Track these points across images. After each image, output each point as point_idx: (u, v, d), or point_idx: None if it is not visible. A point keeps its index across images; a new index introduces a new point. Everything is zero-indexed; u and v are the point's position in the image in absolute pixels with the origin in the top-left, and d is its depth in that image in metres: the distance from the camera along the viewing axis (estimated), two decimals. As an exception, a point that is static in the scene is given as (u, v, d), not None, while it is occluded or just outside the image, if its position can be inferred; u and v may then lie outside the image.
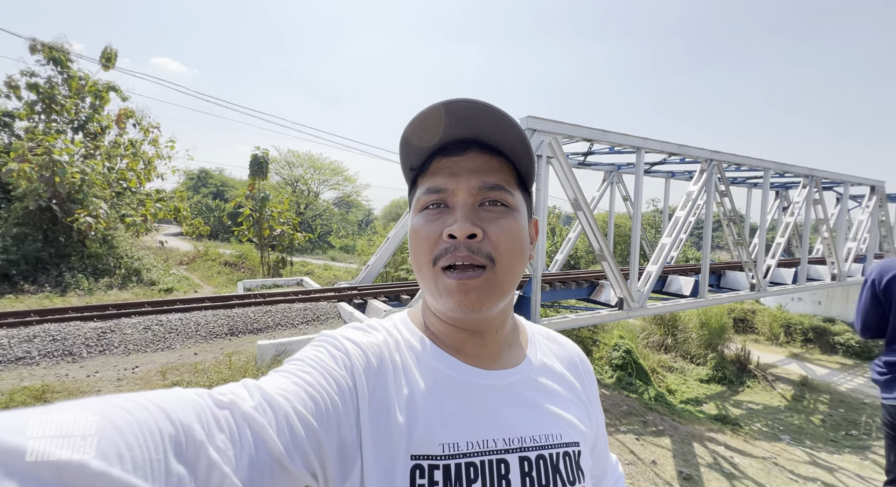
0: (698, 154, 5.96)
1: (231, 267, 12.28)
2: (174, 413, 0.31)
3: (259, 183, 11.85)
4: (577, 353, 0.63)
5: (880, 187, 9.09)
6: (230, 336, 4.15)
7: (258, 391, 0.39)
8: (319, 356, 0.46)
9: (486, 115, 0.48)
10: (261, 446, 0.35)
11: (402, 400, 0.47)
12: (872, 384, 8.25)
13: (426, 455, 0.44)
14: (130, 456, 0.27)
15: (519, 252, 0.50)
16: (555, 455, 0.49)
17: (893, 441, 1.77)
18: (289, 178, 26.18)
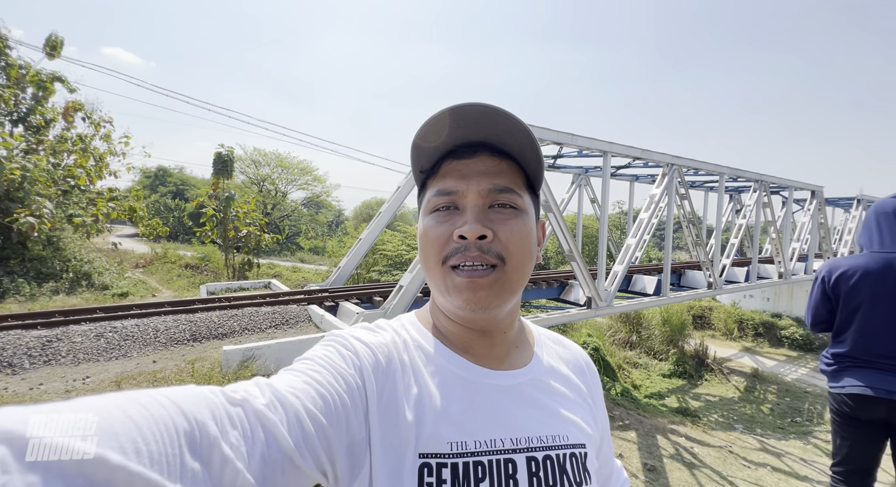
0: (660, 158, 6.26)
1: (193, 270, 11.70)
2: (189, 409, 0.32)
3: (223, 182, 11.37)
4: (583, 357, 0.64)
5: (819, 192, 9.88)
6: (193, 342, 3.95)
7: (269, 389, 0.40)
8: (329, 355, 0.47)
9: (496, 119, 0.48)
10: (272, 443, 0.36)
11: (411, 398, 0.47)
12: (814, 374, 8.90)
13: (434, 453, 0.45)
14: (147, 451, 0.27)
15: (528, 253, 0.50)
16: (562, 455, 0.50)
17: (839, 427, 1.92)
18: (255, 178, 25.28)
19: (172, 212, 24.99)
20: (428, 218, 0.52)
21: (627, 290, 7.46)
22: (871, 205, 1.98)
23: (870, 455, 1.84)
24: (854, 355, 1.83)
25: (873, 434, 1.82)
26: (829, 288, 1.91)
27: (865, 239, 1.89)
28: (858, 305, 1.81)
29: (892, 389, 1.70)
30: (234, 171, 11.92)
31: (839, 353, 1.88)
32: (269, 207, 24.87)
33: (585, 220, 17.65)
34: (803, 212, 10.15)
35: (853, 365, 1.83)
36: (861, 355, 1.81)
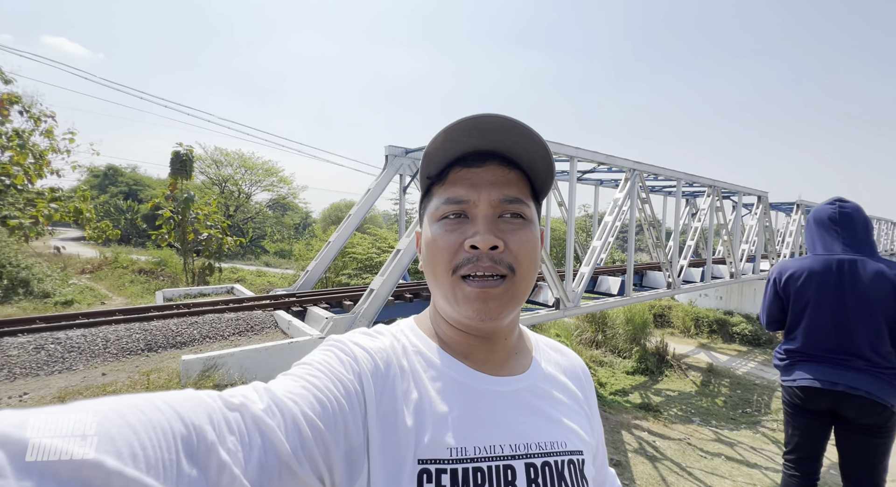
0: (623, 164, 6.53)
1: (147, 276, 11.03)
2: (186, 414, 0.32)
3: (182, 182, 10.80)
4: (580, 364, 0.64)
5: (765, 197, 10.65)
6: (148, 352, 3.71)
7: (267, 394, 0.39)
8: (327, 360, 0.47)
9: (511, 130, 0.49)
10: (270, 448, 0.36)
11: (411, 404, 0.47)
12: (762, 367, 9.52)
13: (434, 459, 0.44)
14: (144, 456, 0.27)
15: (535, 262, 0.52)
16: (560, 462, 0.50)
17: (791, 418, 2.06)
18: (216, 178, 24.19)
19: (124, 214, 23.42)
20: (436, 225, 0.52)
21: (593, 291, 7.72)
22: (809, 211, 2.16)
23: (817, 442, 1.99)
24: (803, 350, 1.97)
25: (820, 424, 1.96)
26: (780, 289, 2.05)
27: (809, 243, 2.06)
28: (806, 304, 1.95)
29: (835, 381, 1.85)
30: (193, 171, 11.35)
31: (790, 349, 2.02)
32: (232, 209, 23.85)
33: (553, 223, 18.13)
34: (751, 216, 10.90)
35: (802, 359, 1.98)
36: (809, 350, 1.95)
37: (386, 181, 7.00)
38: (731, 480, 4.35)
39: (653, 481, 4.22)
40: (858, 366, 1.81)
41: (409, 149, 7.06)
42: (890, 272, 1.79)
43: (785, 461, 2.08)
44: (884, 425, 1.78)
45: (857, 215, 1.92)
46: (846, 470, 1.89)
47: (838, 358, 1.87)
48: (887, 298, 1.77)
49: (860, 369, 1.81)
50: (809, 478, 2.00)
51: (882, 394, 1.76)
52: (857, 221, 1.91)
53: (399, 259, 4.52)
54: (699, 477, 4.37)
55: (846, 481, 1.89)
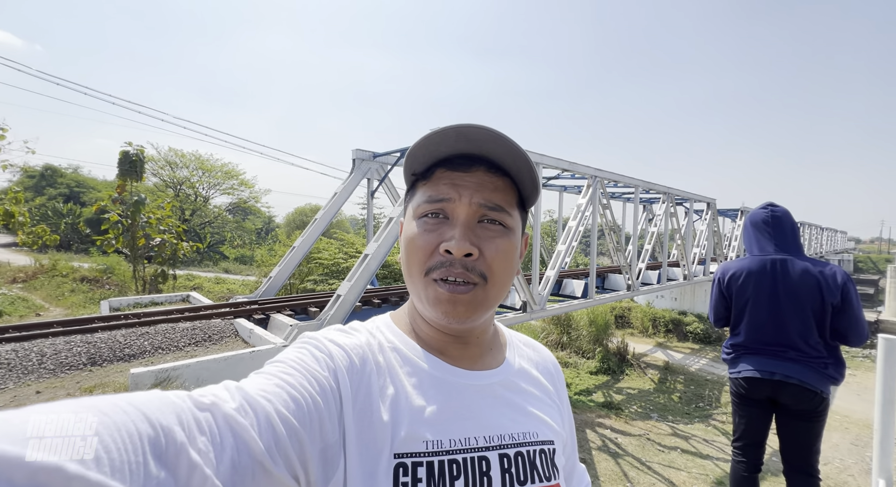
0: (585, 171, 6.79)
1: (91, 284, 10.23)
2: (154, 415, 0.31)
3: (132, 184, 10.13)
4: (551, 359, 0.66)
5: (713, 203, 11.41)
6: (91, 366, 3.43)
7: (239, 392, 0.39)
8: (301, 357, 0.46)
9: (497, 141, 0.49)
10: (242, 448, 0.35)
11: (387, 399, 0.47)
12: (712, 363, 10.14)
13: (410, 453, 0.45)
14: (108, 459, 0.26)
15: (510, 271, 0.52)
16: (532, 452, 0.52)
17: (737, 407, 2.22)
18: (170, 181, 22.88)
19: (64, 218, 21.59)
20: (415, 223, 0.52)
21: (558, 294, 7.94)
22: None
23: (761, 429, 2.15)
24: (746, 344, 2.13)
25: (763, 412, 2.13)
26: (724, 289, 2.21)
27: (746, 244, 2.23)
28: (746, 301, 2.12)
29: (773, 371, 2.01)
30: (144, 173, 10.67)
31: (735, 343, 2.18)
32: (188, 213, 22.61)
33: (520, 228, 18.48)
34: (701, 222, 11.64)
35: (746, 352, 2.14)
36: (751, 344, 2.12)
37: (353, 185, 6.90)
38: (687, 472, 4.59)
39: (615, 477, 4.37)
40: (792, 357, 1.98)
41: (377, 153, 7.00)
42: (814, 269, 1.98)
43: (733, 448, 2.23)
44: (815, 410, 1.95)
45: (785, 218, 2.11)
46: (785, 453, 2.06)
47: (775, 350, 2.04)
48: (813, 293, 1.95)
49: (794, 359, 1.98)
50: (754, 463, 2.16)
51: (812, 382, 1.93)
52: (786, 224, 2.10)
53: (367, 264, 4.45)
54: (657, 471, 4.58)
55: (785, 463, 2.06)
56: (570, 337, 9.63)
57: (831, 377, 1.95)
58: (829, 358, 1.96)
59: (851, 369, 8.89)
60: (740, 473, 2.17)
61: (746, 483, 2.15)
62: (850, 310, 1.91)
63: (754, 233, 2.17)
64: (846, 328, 1.93)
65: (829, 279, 1.93)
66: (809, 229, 20.48)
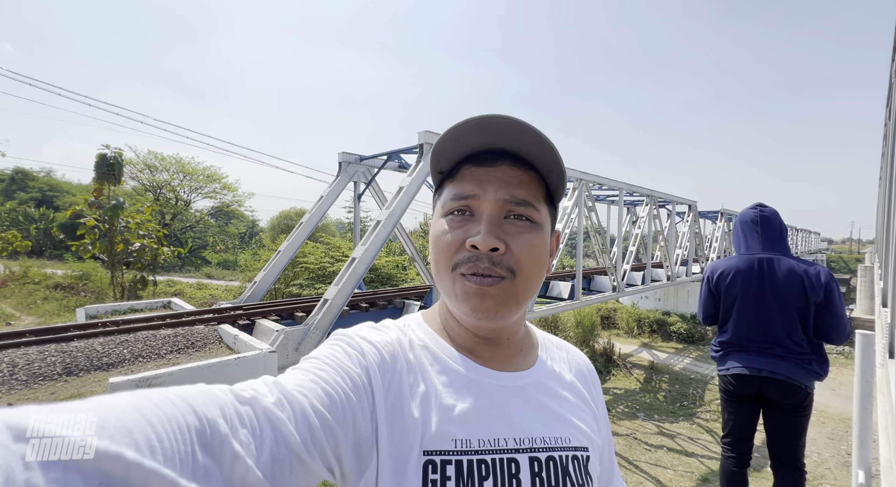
0: (570, 174, 6.89)
1: (65, 292, 9.88)
2: (199, 407, 0.33)
3: (109, 188, 9.83)
4: (586, 363, 0.64)
5: (694, 206, 11.71)
6: (66, 376, 3.30)
7: (277, 387, 0.40)
8: (335, 354, 0.47)
9: (522, 131, 0.49)
10: (281, 440, 0.37)
11: (417, 396, 0.48)
12: (696, 363, 10.33)
13: (439, 450, 0.45)
14: (161, 448, 0.28)
15: (539, 266, 0.51)
16: (564, 457, 0.50)
17: (726, 404, 2.26)
18: (150, 184, 22.31)
19: (36, 223, 20.80)
20: (442, 220, 0.52)
21: (546, 296, 8.01)
22: (735, 216, 2.42)
23: (749, 425, 2.20)
24: (734, 341, 2.18)
25: (750, 407, 2.17)
26: (712, 287, 2.26)
27: (735, 243, 2.29)
28: (734, 299, 2.17)
29: (760, 368, 2.06)
30: (122, 176, 10.37)
31: (723, 341, 2.23)
32: (169, 217, 22.06)
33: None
34: (683, 223, 11.92)
35: (734, 349, 2.18)
36: (738, 341, 2.16)
37: (339, 188, 6.84)
38: (673, 470, 4.66)
39: (604, 476, 4.41)
40: (778, 354, 2.03)
41: (363, 157, 6.96)
42: (799, 268, 2.03)
43: (723, 444, 2.27)
44: (800, 404, 2.00)
45: (773, 218, 2.17)
46: (772, 448, 2.11)
47: (762, 347, 2.09)
48: (797, 292, 2.01)
49: (780, 356, 2.03)
50: (743, 458, 2.20)
51: (797, 377, 1.98)
52: (774, 224, 2.16)
53: (354, 267, 4.41)
54: (645, 470, 4.64)
55: (773, 457, 2.10)
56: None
57: (815, 372, 2.00)
58: (813, 355, 2.01)
59: (827, 365, 9.22)
60: (730, 468, 2.20)
61: (736, 478, 2.19)
62: (832, 309, 1.96)
63: (743, 232, 2.22)
64: (829, 326, 1.98)
65: (814, 278, 1.99)
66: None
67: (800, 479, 2.03)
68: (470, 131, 0.49)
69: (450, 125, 0.50)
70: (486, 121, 0.48)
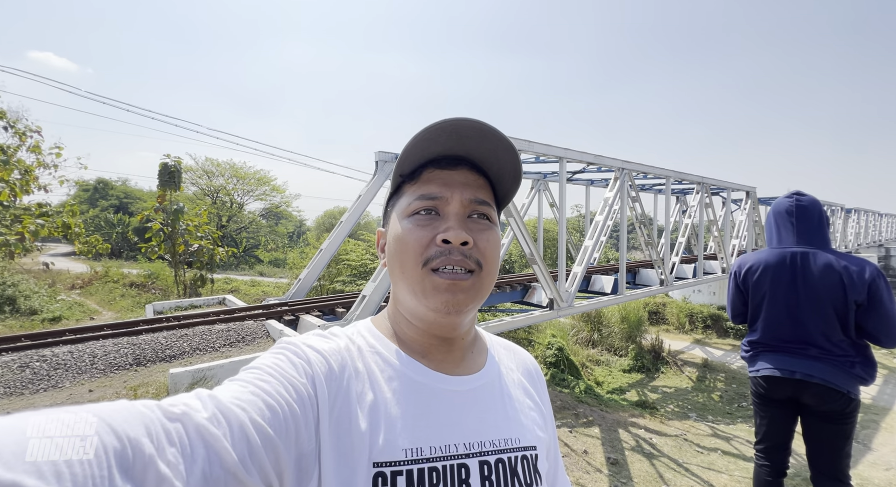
0: (612, 163, 6.58)
1: (138, 289, 10.93)
2: (120, 426, 0.30)
3: (171, 194, 10.73)
4: (532, 362, 0.66)
5: (753, 192, 10.77)
6: (136, 366, 3.66)
7: (212, 401, 0.38)
8: (278, 363, 0.45)
9: (486, 136, 0.51)
10: (214, 459, 0.34)
11: (366, 406, 0.47)
12: (757, 360, 9.59)
13: (389, 462, 0.44)
14: (70, 473, 0.26)
15: (498, 262, 0.55)
16: (513, 458, 0.51)
17: (758, 408, 2.09)
18: (207, 189, 24.04)
19: (115, 228, 23.18)
20: (406, 221, 0.53)
21: (587, 290, 7.74)
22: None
23: (783, 431, 2.02)
24: (764, 341, 2.00)
25: (785, 413, 1.99)
26: (740, 283, 2.08)
27: (767, 235, 2.09)
28: (763, 296, 1.98)
29: (794, 369, 1.88)
30: (182, 183, 11.28)
31: (753, 341, 2.05)
32: (225, 219, 23.70)
33: (546, 224, 18.19)
34: (740, 211, 11.02)
35: (764, 350, 2.01)
36: (769, 341, 1.98)
37: (377, 187, 6.99)
38: (728, 474, 4.36)
39: (650, 478, 4.21)
40: (814, 355, 1.85)
41: (398, 155, 7.06)
42: (838, 264, 1.82)
43: (756, 451, 2.11)
44: (842, 411, 1.81)
45: (812, 208, 1.94)
46: (812, 457, 1.92)
47: (795, 348, 1.90)
48: (835, 289, 1.80)
49: (815, 357, 1.84)
50: (778, 467, 2.02)
51: (837, 381, 1.79)
52: (812, 214, 1.94)
53: (390, 264, 4.51)
54: (696, 473, 4.37)
55: (812, 468, 1.92)
56: (601, 334, 9.38)
57: (859, 376, 1.79)
58: (857, 357, 1.81)
59: (916, 366, 8.19)
60: (763, 477, 2.04)
61: None
62: (879, 309, 1.74)
63: (776, 223, 2.02)
64: (876, 328, 1.76)
65: (855, 275, 1.77)
66: (866, 216, 18.92)
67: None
68: (441, 132, 0.51)
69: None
70: (457, 124, 0.51)
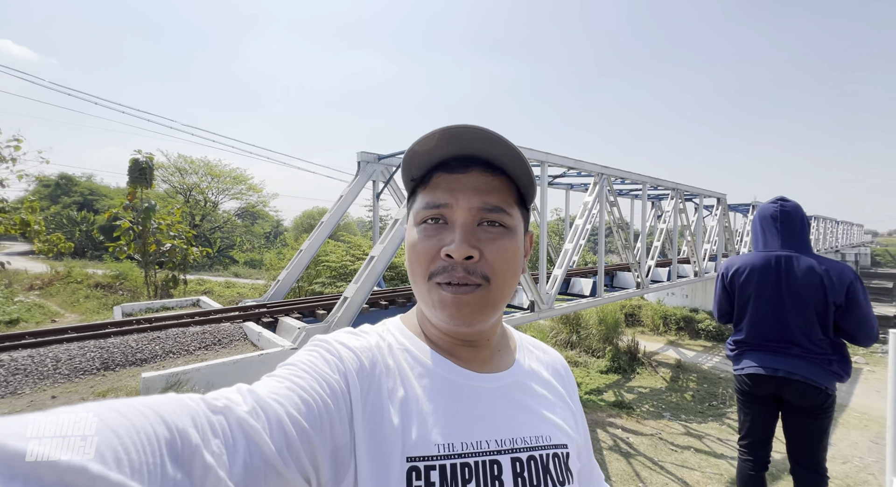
0: (591, 168, 6.74)
1: (105, 290, 10.43)
2: (170, 417, 0.32)
3: (142, 191, 10.30)
4: (561, 361, 0.66)
5: (723, 199, 11.24)
6: (104, 371, 3.49)
7: (251, 395, 0.39)
8: (313, 360, 0.47)
9: (491, 141, 0.49)
10: (255, 450, 0.36)
11: (397, 402, 0.48)
12: (726, 361, 10.01)
13: (422, 456, 0.45)
14: (128, 460, 0.27)
15: (513, 270, 0.52)
16: (545, 456, 0.51)
17: (742, 405, 2.18)
18: (180, 187, 23.22)
19: (79, 226, 22.03)
20: (416, 230, 0.52)
21: (567, 293, 7.88)
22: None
23: (766, 427, 2.12)
24: (749, 340, 2.11)
25: (767, 409, 2.09)
26: (727, 284, 2.19)
27: (753, 239, 2.21)
28: (749, 297, 2.09)
29: (777, 367, 1.98)
30: (154, 180, 10.85)
31: (738, 340, 2.16)
32: (198, 219, 22.93)
33: (527, 227, 18.38)
34: (711, 217, 11.47)
35: (749, 348, 2.11)
36: (753, 340, 2.09)
37: (359, 187, 6.93)
38: (700, 471, 4.51)
39: (627, 477, 4.31)
40: (795, 353, 1.96)
41: (381, 155, 7.02)
42: (819, 267, 1.94)
43: (739, 446, 2.20)
44: (821, 406, 1.92)
45: (795, 213, 2.07)
46: (792, 451, 2.03)
47: (778, 347, 2.01)
48: (816, 291, 1.92)
49: (797, 355, 1.95)
50: (760, 462, 2.12)
51: (816, 378, 1.90)
52: (795, 219, 2.06)
53: (373, 266, 4.46)
54: (670, 471, 4.51)
55: (792, 461, 2.03)
56: (579, 335, 9.55)
57: (836, 373, 1.92)
58: (834, 355, 1.93)
59: (871, 365, 8.69)
60: (747, 471, 2.13)
61: (753, 482, 2.12)
62: (856, 310, 1.87)
63: (762, 227, 2.14)
64: (854, 328, 1.89)
65: (835, 277, 1.89)
66: (824, 223, 20.04)
67: (821, 484, 1.95)
68: (438, 142, 0.49)
69: (429, 131, 0.50)
70: (457, 131, 0.48)
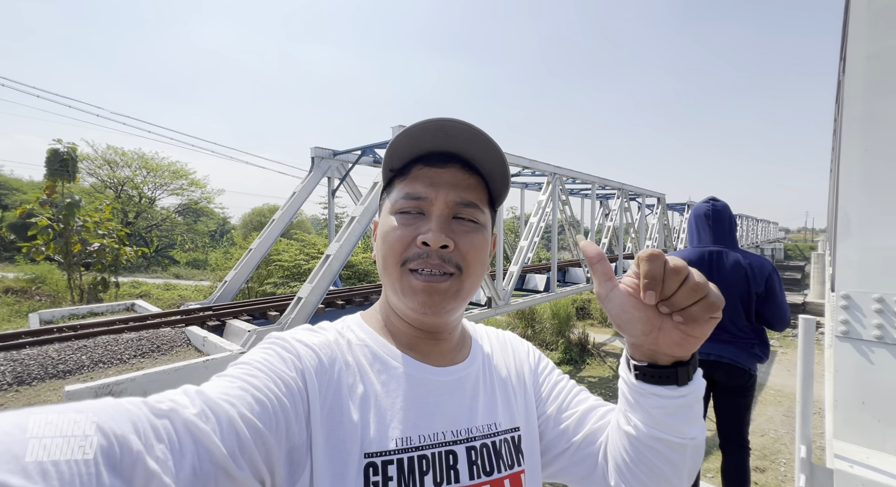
0: (545, 168, 6.98)
1: (17, 296, 9.30)
2: (106, 423, 0.30)
3: (63, 185, 9.26)
4: (512, 340, 0.68)
5: (663, 198, 12.12)
6: (17, 386, 3.10)
7: (200, 397, 0.38)
8: (268, 358, 0.46)
9: (475, 138, 0.51)
10: (203, 454, 0.34)
11: (357, 398, 0.48)
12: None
13: (380, 452, 0.46)
14: (56, 471, 0.25)
15: (482, 264, 0.54)
16: (498, 442, 0.53)
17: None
18: (110, 181, 21.16)
19: (-17, 223, 19.36)
20: (392, 218, 0.53)
21: (522, 288, 8.13)
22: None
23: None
24: None
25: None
26: None
27: (689, 235, 2.41)
28: None
29: (709, 352, 2.21)
30: (78, 173, 9.78)
31: None
32: (132, 216, 21.01)
33: (484, 225, 18.69)
34: (653, 215, 12.32)
35: None
36: None
37: (313, 184, 6.69)
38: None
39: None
40: (724, 338, 2.18)
41: (337, 151, 6.82)
42: (744, 261, 2.18)
43: None
44: (745, 385, 2.17)
45: (724, 212, 2.30)
46: (720, 427, 2.27)
47: (711, 333, 2.22)
48: (741, 283, 2.16)
49: (725, 341, 2.18)
50: None
51: (741, 360, 2.14)
52: (724, 217, 2.29)
53: (329, 264, 4.33)
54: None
55: (721, 437, 2.27)
56: (534, 330, 9.90)
57: (757, 355, 2.17)
58: (756, 339, 2.18)
59: (783, 347, 9.76)
60: None
61: None
62: (773, 299, 2.12)
63: (696, 225, 2.34)
64: (770, 314, 2.14)
65: (756, 270, 2.14)
66: (746, 221, 22.23)
67: (745, 455, 2.21)
68: (426, 131, 0.51)
69: (408, 124, 0.51)
70: (443, 123, 0.50)
